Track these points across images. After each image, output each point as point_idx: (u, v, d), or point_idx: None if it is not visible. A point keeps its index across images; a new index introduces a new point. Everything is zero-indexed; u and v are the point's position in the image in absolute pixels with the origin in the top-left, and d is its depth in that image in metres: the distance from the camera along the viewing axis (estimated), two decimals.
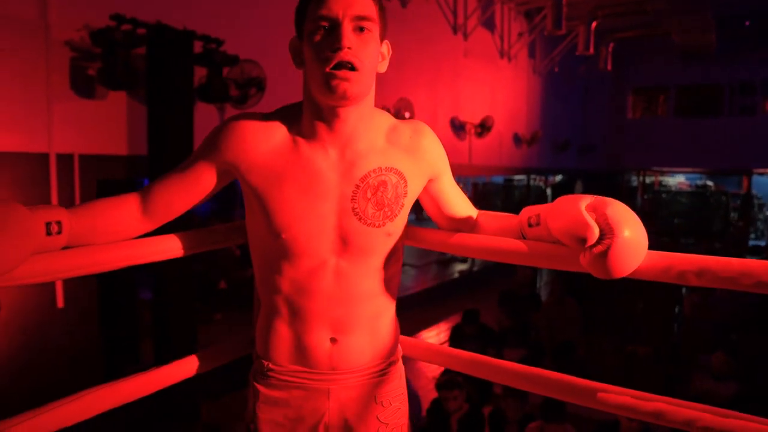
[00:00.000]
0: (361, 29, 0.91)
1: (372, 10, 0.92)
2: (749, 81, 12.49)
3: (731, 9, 9.75)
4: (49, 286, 3.49)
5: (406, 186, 1.01)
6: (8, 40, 3.20)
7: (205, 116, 4.14)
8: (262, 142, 0.98)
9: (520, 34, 9.33)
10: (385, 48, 1.00)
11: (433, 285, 8.94)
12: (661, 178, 15.78)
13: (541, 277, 7.45)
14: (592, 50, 9.15)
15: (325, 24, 0.91)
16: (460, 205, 1.13)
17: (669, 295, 5.88)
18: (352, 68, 0.90)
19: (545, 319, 4.86)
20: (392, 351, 1.12)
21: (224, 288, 6.59)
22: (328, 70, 0.89)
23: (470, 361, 1.12)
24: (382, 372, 1.09)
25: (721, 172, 14.43)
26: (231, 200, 9.47)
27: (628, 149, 13.97)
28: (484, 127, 8.01)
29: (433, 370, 4.49)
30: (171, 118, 3.59)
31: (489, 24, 8.59)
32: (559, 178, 14.24)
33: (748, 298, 5.10)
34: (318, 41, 0.91)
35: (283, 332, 1.05)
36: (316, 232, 0.97)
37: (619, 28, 10.22)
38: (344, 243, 0.99)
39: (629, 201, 14.42)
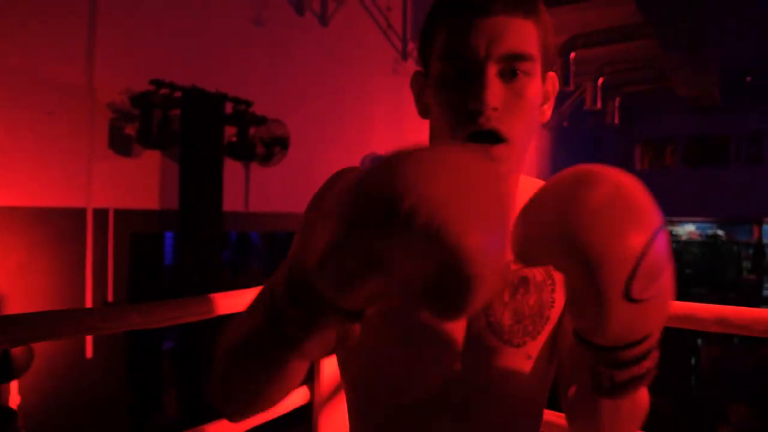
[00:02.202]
0: (514, 73, 0.61)
1: (532, 43, 0.62)
2: (755, 132, 12.73)
3: (734, 64, 10.07)
4: (79, 338, 3.61)
5: (554, 289, 0.69)
6: (57, 103, 3.43)
7: (232, 172, 4.34)
8: None
9: None
10: (550, 83, 0.70)
11: None
12: (670, 228, 15.83)
13: None
14: (599, 105, 9.44)
15: (459, 66, 0.61)
16: None
17: (684, 346, 5.88)
18: (499, 139, 0.61)
19: None
20: None
21: None
22: (462, 139, 0.61)
23: None
24: None
25: (730, 222, 14.48)
26: (245, 249, 9.61)
27: None
28: None
29: None
30: (202, 175, 3.79)
31: None
32: None
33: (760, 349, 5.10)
34: (449, 91, 0.62)
35: None
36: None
37: (625, 83, 10.54)
38: (472, 370, 0.67)
39: None
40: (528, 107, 0.63)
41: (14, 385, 3.22)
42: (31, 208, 3.38)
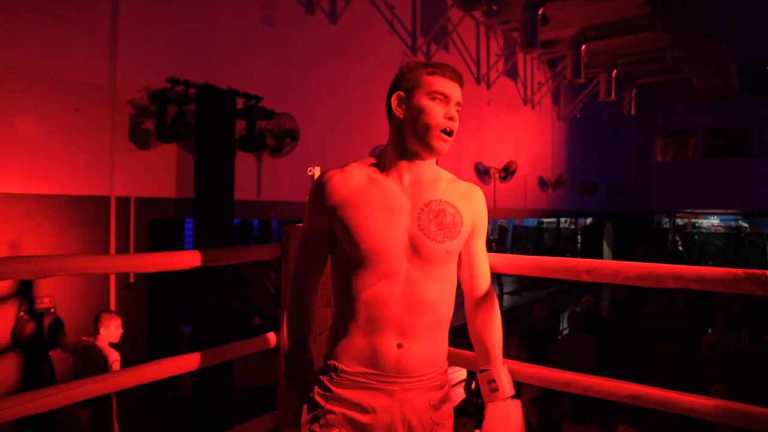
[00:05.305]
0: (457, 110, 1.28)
1: (462, 96, 1.31)
2: None
3: (751, 54, 9.97)
4: None
5: (462, 218, 1.28)
6: (83, 101, 3.77)
7: (244, 164, 4.64)
8: (343, 185, 1.27)
9: (540, 84, 9.75)
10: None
11: (461, 323, 9.17)
12: (694, 220, 15.68)
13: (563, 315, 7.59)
14: (613, 96, 9.47)
15: (441, 98, 1.24)
16: (481, 272, 1.36)
17: (692, 335, 5.98)
18: (451, 135, 1.26)
19: (561, 353, 5.06)
20: (444, 360, 1.32)
21: (258, 324, 6.99)
22: (439, 132, 1.23)
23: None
24: (436, 378, 1.28)
25: (750, 214, 14.29)
26: (267, 235, 9.98)
27: (658, 191, 14.03)
28: (507, 171, 8.36)
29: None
30: (215, 166, 4.09)
31: (512, 73, 9.04)
32: (589, 220, 14.33)
33: (764, 338, 5.17)
34: (434, 108, 1.24)
35: (355, 337, 1.25)
36: (391, 240, 1.22)
37: (640, 75, 10.52)
38: (414, 251, 1.22)
39: (660, 242, 14.37)
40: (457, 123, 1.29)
41: (53, 355, 3.58)
42: (61, 196, 3.74)
